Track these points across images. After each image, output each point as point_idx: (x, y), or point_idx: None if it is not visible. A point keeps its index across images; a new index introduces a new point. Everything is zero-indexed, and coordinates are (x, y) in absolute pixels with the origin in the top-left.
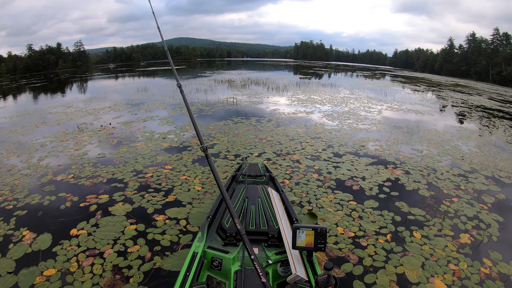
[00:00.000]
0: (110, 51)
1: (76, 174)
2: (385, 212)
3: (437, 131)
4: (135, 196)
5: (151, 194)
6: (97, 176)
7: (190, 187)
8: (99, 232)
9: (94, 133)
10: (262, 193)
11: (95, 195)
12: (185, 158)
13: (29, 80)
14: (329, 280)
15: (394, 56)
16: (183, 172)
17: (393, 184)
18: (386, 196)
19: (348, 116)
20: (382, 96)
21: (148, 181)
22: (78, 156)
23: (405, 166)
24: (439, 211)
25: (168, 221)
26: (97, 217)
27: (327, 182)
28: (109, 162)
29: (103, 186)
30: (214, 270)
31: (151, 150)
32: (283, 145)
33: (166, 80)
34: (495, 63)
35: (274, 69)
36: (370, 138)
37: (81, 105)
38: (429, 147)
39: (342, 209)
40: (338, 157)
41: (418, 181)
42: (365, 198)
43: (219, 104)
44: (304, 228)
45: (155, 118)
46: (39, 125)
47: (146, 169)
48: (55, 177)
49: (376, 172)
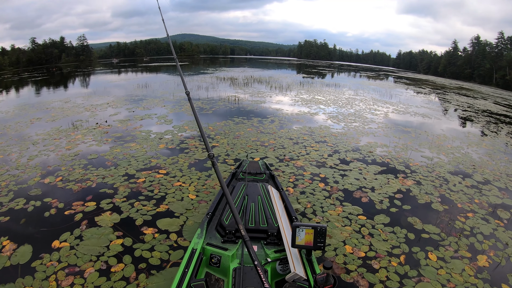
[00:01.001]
0: (114, 46)
1: (64, 177)
2: (397, 229)
3: (446, 137)
4: (124, 205)
5: (142, 202)
6: (86, 180)
7: (183, 195)
8: (82, 246)
9: (89, 131)
10: (262, 190)
11: (82, 202)
12: (181, 162)
13: (31, 73)
14: (328, 279)
15: (397, 57)
16: (178, 177)
17: (405, 196)
18: (398, 211)
19: (354, 119)
20: (387, 97)
21: (140, 187)
22: (69, 156)
23: (416, 175)
24: (454, 228)
25: (158, 235)
26: (82, 228)
27: (335, 193)
28: (101, 164)
29: (92, 191)
30: (213, 267)
31: (145, 152)
32: (286, 149)
33: (168, 76)
34: (499, 66)
35: (277, 68)
36: (377, 143)
37: (79, 101)
38: (439, 154)
39: (351, 224)
40: (345, 164)
41: (431, 193)
42: (376, 212)
43: (220, 103)
44: (303, 227)
45: (153, 116)
46: (34, 121)
47: (139, 173)
48: (43, 180)
49: (386, 182)
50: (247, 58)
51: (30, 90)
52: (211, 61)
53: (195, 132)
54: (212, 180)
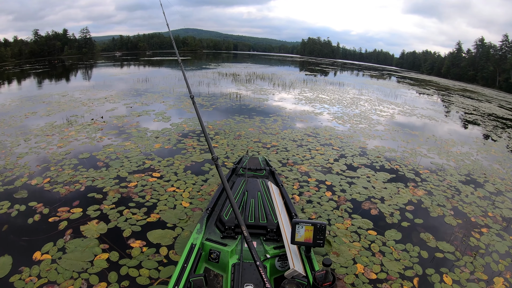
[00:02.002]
0: (117, 39)
1: (53, 178)
2: (410, 246)
3: (454, 142)
4: (112, 213)
5: (131, 210)
6: (75, 182)
7: (176, 203)
8: (64, 259)
9: (83, 128)
10: (262, 186)
11: (68, 208)
12: (177, 164)
13: (33, 65)
14: (327, 276)
15: (401, 57)
16: (172, 182)
17: (416, 208)
18: (410, 225)
19: (359, 120)
20: (392, 98)
21: (131, 192)
22: (60, 155)
23: (426, 184)
24: (469, 245)
25: (146, 248)
26: (66, 239)
27: (343, 204)
28: (92, 164)
29: (79, 195)
30: (212, 262)
31: (140, 152)
32: (290, 152)
33: (169, 71)
34: (502, 69)
35: (281, 64)
36: (385, 147)
37: (77, 94)
38: (449, 161)
39: (360, 240)
40: (352, 170)
41: (443, 205)
42: (386, 227)
43: (221, 99)
44: (303, 223)
45: (151, 112)
46: (28, 116)
47: (131, 176)
48: (30, 180)
49: (396, 191)
50: (250, 54)
51: (29, 82)
52: (214, 56)
53: (193, 130)
54: (209, 185)
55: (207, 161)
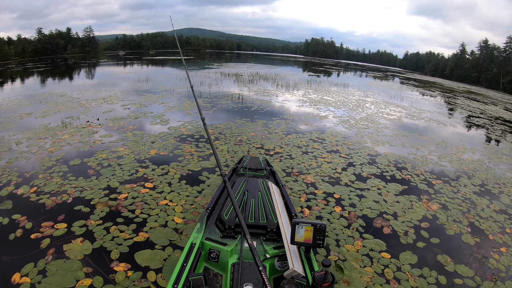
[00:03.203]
0: (120, 38)
1: (40, 188)
2: (427, 271)
3: (465, 148)
4: (98, 230)
5: (119, 226)
6: (62, 193)
7: (168, 219)
8: (44, 284)
9: (77, 131)
10: (262, 186)
11: (52, 223)
12: (172, 173)
13: (36, 63)
14: (326, 277)
15: (404, 58)
16: (165, 193)
17: (431, 225)
18: (425, 245)
19: (366, 124)
20: (398, 100)
21: (120, 206)
22: (50, 161)
23: (440, 197)
24: (489, 268)
25: (131, 273)
26: (48, 259)
27: (354, 221)
28: (82, 172)
29: (66, 208)
30: (212, 262)
31: (133, 159)
32: (294, 160)
33: (171, 70)
34: (506, 71)
35: (284, 64)
36: (395, 154)
37: (75, 94)
38: (461, 169)
39: (372, 264)
40: (361, 181)
41: (459, 221)
42: (401, 248)
43: (222, 101)
44: (303, 224)
45: (149, 115)
46: (23, 117)
47: (122, 186)
48: (17, 190)
49: (409, 205)
50: (253, 54)
51: (29, 81)
52: (217, 56)
53: (192, 135)
54: (204, 197)
55: (204, 169)
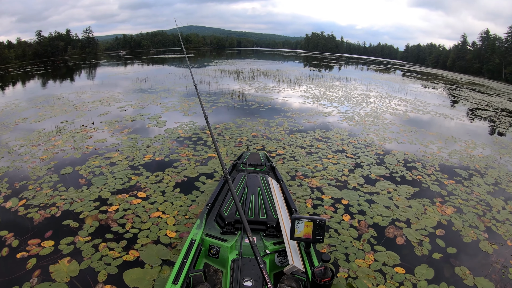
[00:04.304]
0: (120, 38)
1: (29, 200)
2: (445, 287)
3: (474, 144)
4: (86, 247)
5: (109, 243)
6: (51, 206)
7: (160, 234)
8: None
9: (71, 136)
10: (262, 182)
11: (39, 240)
12: (166, 180)
13: (35, 66)
14: (326, 272)
15: (405, 51)
16: (157, 204)
17: (447, 231)
18: (442, 256)
19: (372, 120)
20: (402, 94)
21: (110, 219)
22: (41, 170)
23: (454, 199)
24: (509, 279)
25: None
26: (33, 283)
27: (365, 232)
28: (73, 182)
29: (54, 223)
30: (212, 258)
31: (127, 165)
32: (298, 162)
33: (171, 69)
34: (508, 61)
35: (285, 60)
36: (403, 153)
37: (72, 97)
38: (472, 166)
39: (386, 281)
40: (370, 183)
41: (475, 226)
42: (416, 261)
43: (222, 99)
44: (303, 219)
45: (145, 116)
46: (18, 122)
47: (113, 197)
48: (5, 203)
49: (422, 210)
50: (254, 50)
51: (28, 85)
52: (217, 53)
53: (189, 137)
54: (198, 205)
55: (202, 174)
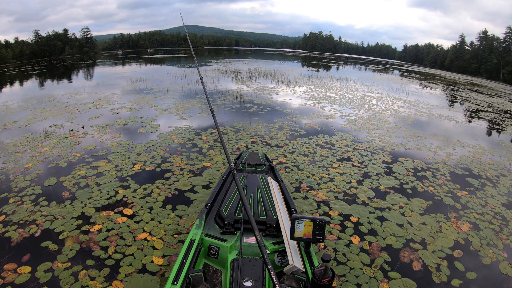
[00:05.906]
0: (118, 37)
1: (8, 216)
2: None
3: (482, 149)
4: (65, 275)
5: (90, 271)
6: (31, 223)
7: (146, 260)
8: None
9: (59, 141)
10: (261, 182)
11: (15, 265)
12: (155, 194)
13: (32, 66)
14: (326, 272)
15: (403, 51)
16: (144, 222)
17: (465, 252)
18: (462, 284)
19: (376, 124)
20: (404, 95)
21: (92, 241)
22: (25, 180)
23: (469, 213)
24: None
25: None
26: None
27: (378, 256)
28: (56, 195)
29: (32, 245)
30: (211, 258)
31: (115, 176)
32: (303, 172)
33: (168, 69)
34: (506, 62)
35: (283, 60)
36: (412, 161)
37: (64, 98)
38: (484, 175)
39: None
40: (380, 197)
41: (494, 244)
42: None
43: (219, 102)
44: (302, 219)
45: (138, 120)
46: (7, 126)
47: (97, 214)
48: None
49: (437, 228)
50: (252, 49)
51: (22, 85)
52: (215, 53)
53: (183, 144)
54: (188, 217)
55: (195, 186)
